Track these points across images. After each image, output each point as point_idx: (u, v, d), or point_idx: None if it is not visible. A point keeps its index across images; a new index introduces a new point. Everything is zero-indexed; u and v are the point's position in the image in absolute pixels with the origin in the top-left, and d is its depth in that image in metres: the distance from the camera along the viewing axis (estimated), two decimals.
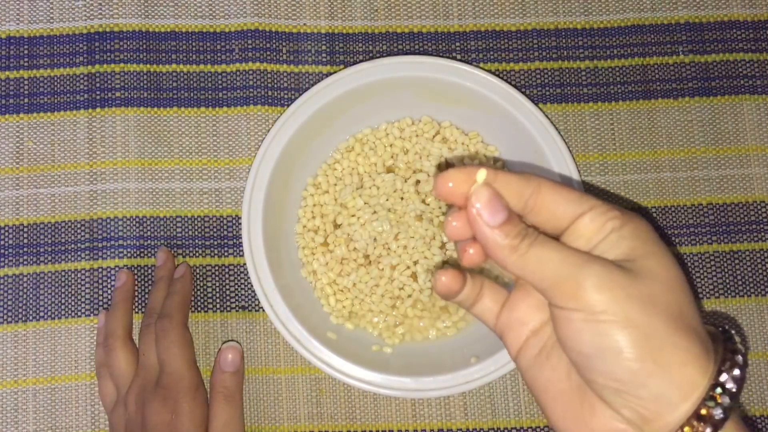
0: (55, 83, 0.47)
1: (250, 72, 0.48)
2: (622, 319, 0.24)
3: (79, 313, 0.46)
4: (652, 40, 0.48)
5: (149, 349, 0.42)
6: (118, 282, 0.45)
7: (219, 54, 0.48)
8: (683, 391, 0.24)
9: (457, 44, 0.48)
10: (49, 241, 0.46)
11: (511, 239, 0.26)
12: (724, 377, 0.24)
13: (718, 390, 0.24)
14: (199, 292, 0.46)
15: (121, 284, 0.45)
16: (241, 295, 0.46)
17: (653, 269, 0.25)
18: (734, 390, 0.24)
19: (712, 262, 0.46)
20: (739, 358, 0.25)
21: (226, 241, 0.46)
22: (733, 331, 0.26)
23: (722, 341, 0.26)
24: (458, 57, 0.48)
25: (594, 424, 0.26)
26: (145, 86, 0.48)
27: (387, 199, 0.45)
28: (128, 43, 0.48)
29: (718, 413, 0.24)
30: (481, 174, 0.26)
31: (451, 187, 0.26)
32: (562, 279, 0.25)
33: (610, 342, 0.24)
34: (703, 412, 0.24)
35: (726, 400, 0.24)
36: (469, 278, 0.29)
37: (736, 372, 0.24)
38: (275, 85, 0.48)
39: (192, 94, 0.48)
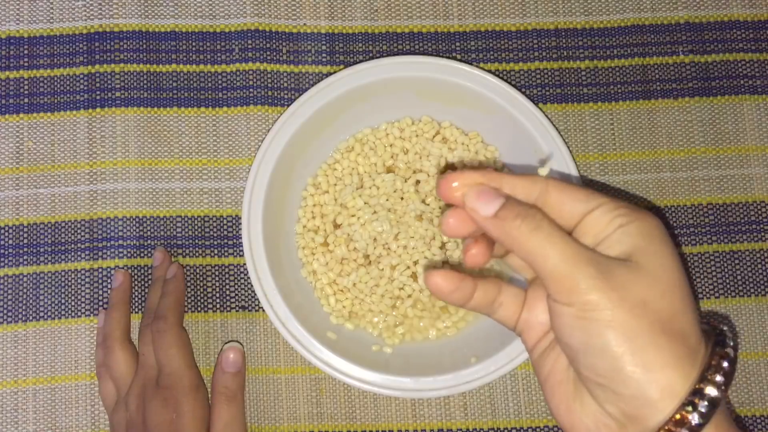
0: (55, 83, 0.47)
1: (250, 72, 0.48)
2: (610, 320, 0.25)
3: (79, 313, 0.46)
4: (652, 40, 0.48)
5: (148, 349, 0.42)
6: (115, 282, 0.45)
7: (219, 54, 0.48)
8: (663, 393, 0.24)
9: (457, 44, 0.48)
10: (49, 241, 0.46)
11: (510, 221, 0.26)
12: (705, 383, 0.24)
13: (698, 396, 0.24)
14: (199, 292, 0.46)
15: (118, 284, 0.45)
16: (241, 295, 0.46)
17: (653, 270, 0.25)
18: (713, 396, 0.24)
19: (712, 262, 0.46)
20: (725, 364, 0.25)
21: (226, 241, 0.46)
22: (728, 334, 0.26)
23: (713, 344, 0.26)
24: (458, 57, 0.48)
25: (583, 416, 0.27)
26: (145, 86, 0.48)
27: (387, 199, 0.45)
28: (128, 43, 0.48)
29: (695, 419, 0.24)
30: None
31: (454, 188, 0.27)
32: (560, 275, 0.25)
33: (596, 339, 0.25)
34: (678, 417, 0.24)
35: (704, 405, 0.24)
36: (480, 284, 0.29)
37: (719, 378, 0.25)
38: (275, 85, 0.48)
39: (192, 94, 0.48)
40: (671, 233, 0.47)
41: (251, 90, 0.48)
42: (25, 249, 0.46)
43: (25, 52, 0.48)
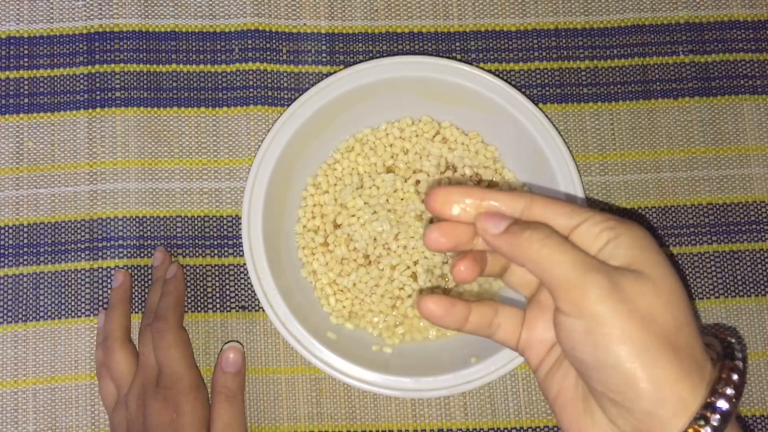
0: (55, 83, 0.47)
1: (250, 72, 0.48)
2: (620, 334, 0.24)
3: (79, 313, 0.46)
4: (652, 40, 0.48)
5: (148, 349, 0.42)
6: (115, 282, 0.45)
7: (219, 54, 0.48)
8: (674, 408, 0.24)
9: (457, 44, 0.48)
10: (49, 241, 0.46)
11: (519, 234, 0.26)
12: (716, 396, 0.24)
13: (709, 410, 0.24)
14: (199, 292, 0.46)
15: (119, 284, 0.45)
16: (241, 295, 0.46)
17: (655, 282, 0.25)
18: (725, 410, 0.24)
19: (712, 262, 0.46)
20: (735, 376, 0.25)
21: (226, 241, 0.46)
22: (736, 346, 0.26)
23: (721, 357, 0.26)
24: (458, 57, 0.48)
25: None
26: (145, 86, 0.48)
27: (387, 199, 0.45)
28: (128, 43, 0.48)
29: None
30: (456, 209, 0.28)
31: (439, 206, 0.28)
32: (569, 283, 0.25)
33: (607, 355, 0.25)
34: (691, 431, 0.24)
35: (717, 419, 0.24)
36: (475, 307, 0.29)
37: (730, 391, 0.24)
38: (275, 85, 0.48)
39: (192, 94, 0.48)
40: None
41: (251, 90, 0.48)
42: (25, 249, 0.46)
43: (25, 52, 0.48)
